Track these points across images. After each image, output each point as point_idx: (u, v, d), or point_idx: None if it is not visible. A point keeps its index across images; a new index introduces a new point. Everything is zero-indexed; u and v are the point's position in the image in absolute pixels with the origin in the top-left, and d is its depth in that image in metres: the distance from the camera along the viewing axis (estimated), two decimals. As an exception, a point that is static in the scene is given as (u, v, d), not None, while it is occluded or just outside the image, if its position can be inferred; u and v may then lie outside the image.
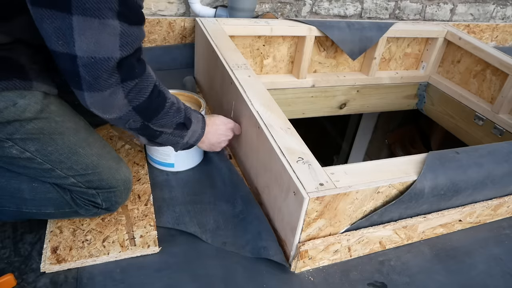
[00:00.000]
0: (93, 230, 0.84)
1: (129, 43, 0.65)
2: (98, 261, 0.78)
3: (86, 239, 0.81)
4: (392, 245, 0.93)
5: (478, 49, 1.60)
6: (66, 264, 0.76)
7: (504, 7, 2.48)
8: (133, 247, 0.81)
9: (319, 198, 0.74)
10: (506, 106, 1.53)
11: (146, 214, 0.89)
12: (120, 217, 0.87)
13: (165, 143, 0.86)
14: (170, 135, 0.84)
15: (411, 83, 1.83)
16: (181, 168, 1.06)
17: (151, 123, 0.77)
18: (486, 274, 0.91)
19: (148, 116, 0.76)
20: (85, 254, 0.78)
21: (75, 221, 0.85)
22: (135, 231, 0.85)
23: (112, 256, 0.79)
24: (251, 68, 1.13)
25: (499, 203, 1.01)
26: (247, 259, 0.84)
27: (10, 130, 0.70)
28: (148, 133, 0.80)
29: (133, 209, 0.90)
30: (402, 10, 2.20)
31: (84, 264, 0.78)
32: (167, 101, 0.79)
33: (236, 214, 0.93)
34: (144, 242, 0.83)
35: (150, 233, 0.85)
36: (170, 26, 1.64)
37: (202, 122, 0.92)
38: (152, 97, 0.74)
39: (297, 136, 0.89)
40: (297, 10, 1.98)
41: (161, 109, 0.78)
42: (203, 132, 0.92)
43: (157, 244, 0.83)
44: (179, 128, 0.84)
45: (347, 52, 1.57)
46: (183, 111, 0.83)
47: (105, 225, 0.85)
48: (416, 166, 0.86)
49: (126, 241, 0.82)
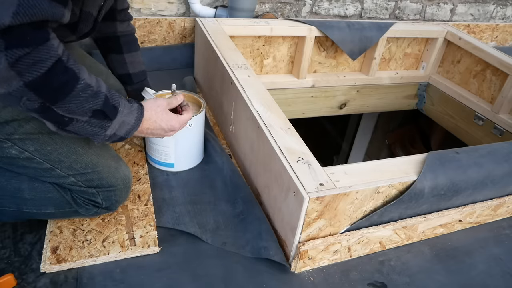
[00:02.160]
0: (93, 230, 0.84)
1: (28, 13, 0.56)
2: (98, 261, 0.78)
3: (86, 239, 0.81)
4: (392, 245, 0.93)
5: (478, 49, 1.60)
6: (66, 264, 0.76)
7: (504, 7, 2.48)
8: (133, 247, 0.81)
9: (319, 198, 0.74)
10: (506, 106, 1.53)
11: (146, 214, 0.89)
12: (120, 217, 0.87)
13: (79, 133, 0.70)
14: (86, 124, 0.69)
15: (411, 83, 1.83)
16: (181, 168, 1.06)
17: (55, 106, 0.64)
18: (486, 274, 0.91)
19: (49, 96, 0.63)
20: (85, 254, 0.78)
21: (75, 221, 0.85)
22: (135, 231, 0.85)
23: (112, 256, 0.79)
24: (251, 68, 1.13)
25: (499, 203, 1.01)
26: (247, 259, 0.84)
27: (8, 130, 0.70)
28: (53, 118, 0.66)
29: (133, 209, 0.90)
30: (402, 10, 2.20)
31: (84, 264, 0.78)
32: (79, 82, 0.65)
33: (237, 214, 0.93)
34: (144, 242, 0.83)
35: (150, 233, 0.85)
36: (170, 26, 1.64)
37: (138, 112, 0.76)
38: (52, 74, 0.61)
39: (297, 136, 0.89)
40: (297, 10, 1.98)
41: (69, 90, 0.64)
42: (138, 124, 0.76)
43: (157, 244, 0.83)
44: (97, 116, 0.69)
45: (347, 52, 1.57)
46: (102, 97, 0.68)
47: (105, 225, 0.85)
48: (416, 166, 0.86)
49: (126, 241, 0.82)
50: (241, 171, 1.08)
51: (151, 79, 1.14)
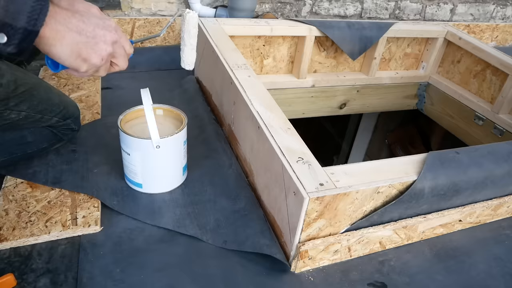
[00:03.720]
0: (38, 212, 0.87)
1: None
2: (39, 240, 0.82)
3: (30, 220, 0.85)
4: (392, 245, 0.93)
5: (478, 49, 1.60)
6: (8, 243, 0.80)
7: (504, 7, 2.48)
8: (74, 227, 0.84)
9: (319, 198, 0.74)
10: (506, 106, 1.53)
11: (91, 196, 0.92)
12: (66, 200, 0.90)
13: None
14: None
15: (411, 83, 1.83)
16: (151, 190, 0.95)
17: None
18: (486, 274, 0.91)
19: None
20: (27, 233, 0.82)
21: (22, 204, 0.89)
22: (78, 212, 0.88)
23: (53, 235, 0.82)
24: (251, 68, 1.13)
25: (499, 203, 1.01)
26: (247, 259, 0.84)
27: (5, 102, 0.84)
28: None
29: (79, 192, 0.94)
30: (402, 10, 2.20)
31: (26, 243, 0.81)
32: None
33: (237, 210, 0.93)
34: (85, 222, 0.85)
35: (93, 214, 0.88)
36: (170, 26, 1.64)
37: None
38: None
39: (297, 136, 0.89)
40: (297, 10, 1.98)
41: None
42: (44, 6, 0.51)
43: (98, 224, 0.85)
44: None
45: (347, 52, 1.57)
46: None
47: (51, 207, 0.88)
48: (416, 166, 0.86)
49: (68, 221, 0.85)
50: (241, 171, 1.08)
51: (151, 79, 1.14)
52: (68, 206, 0.89)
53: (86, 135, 1.10)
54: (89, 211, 0.88)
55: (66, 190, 0.92)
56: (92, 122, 1.17)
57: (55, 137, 1.01)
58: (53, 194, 0.91)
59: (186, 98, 1.11)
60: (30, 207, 0.88)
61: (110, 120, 1.19)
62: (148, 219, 0.89)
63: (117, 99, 1.31)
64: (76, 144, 1.07)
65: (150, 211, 0.91)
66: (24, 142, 0.95)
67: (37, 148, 0.98)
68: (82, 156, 1.03)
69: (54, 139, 1.01)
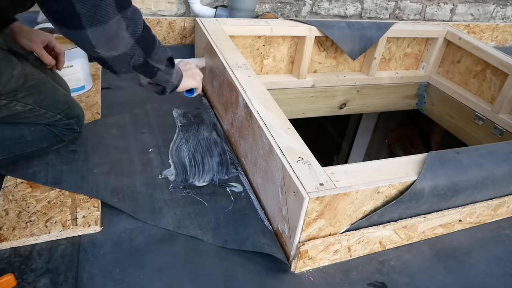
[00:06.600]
0: (38, 212, 0.87)
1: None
2: (39, 240, 0.81)
3: (30, 220, 0.85)
4: (392, 245, 0.93)
5: (478, 49, 1.61)
6: (8, 243, 0.80)
7: (504, 7, 2.48)
8: (74, 227, 0.84)
9: (319, 198, 0.74)
10: (506, 106, 1.53)
11: (91, 196, 0.92)
12: (66, 200, 0.90)
13: (160, 81, 0.89)
14: (164, 72, 0.87)
15: (411, 83, 1.84)
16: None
17: (150, 57, 0.81)
18: (486, 274, 0.91)
19: (147, 49, 0.79)
20: (27, 233, 0.82)
21: (22, 204, 0.88)
22: (79, 212, 0.88)
23: (53, 235, 0.82)
24: (251, 68, 1.13)
25: (499, 203, 1.01)
26: (247, 259, 0.84)
27: (14, 93, 0.88)
28: (148, 69, 0.84)
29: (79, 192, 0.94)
30: (402, 10, 2.20)
31: (26, 243, 0.81)
32: (154, 34, 0.83)
33: (238, 209, 0.93)
34: (85, 222, 0.85)
35: (93, 214, 0.87)
36: (170, 26, 1.65)
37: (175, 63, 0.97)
38: (145, 29, 0.77)
39: (297, 136, 0.89)
40: (297, 10, 1.98)
41: (154, 42, 0.82)
42: (181, 70, 0.96)
43: (98, 224, 0.85)
44: (168, 64, 0.88)
45: (347, 52, 1.57)
46: (166, 47, 0.87)
47: (51, 207, 0.88)
48: (416, 166, 0.86)
49: (68, 221, 0.85)
50: (241, 171, 1.08)
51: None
52: (68, 206, 0.89)
53: (86, 135, 1.10)
54: (89, 211, 0.88)
55: (66, 190, 0.92)
56: (92, 122, 1.17)
57: (55, 137, 1.01)
58: (53, 194, 0.91)
59: (186, 98, 1.12)
60: (30, 207, 0.88)
61: (110, 120, 1.19)
62: (149, 219, 0.89)
63: (117, 99, 1.31)
64: (76, 144, 1.07)
65: (150, 210, 0.92)
66: (23, 141, 0.96)
67: (37, 147, 0.99)
68: (82, 156, 1.03)
69: (54, 140, 1.01)
